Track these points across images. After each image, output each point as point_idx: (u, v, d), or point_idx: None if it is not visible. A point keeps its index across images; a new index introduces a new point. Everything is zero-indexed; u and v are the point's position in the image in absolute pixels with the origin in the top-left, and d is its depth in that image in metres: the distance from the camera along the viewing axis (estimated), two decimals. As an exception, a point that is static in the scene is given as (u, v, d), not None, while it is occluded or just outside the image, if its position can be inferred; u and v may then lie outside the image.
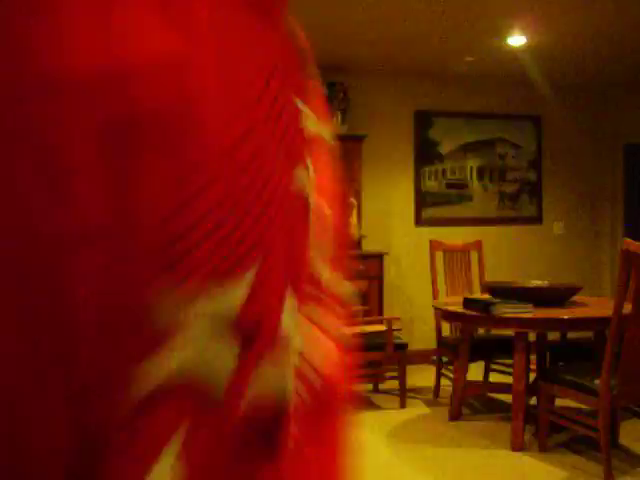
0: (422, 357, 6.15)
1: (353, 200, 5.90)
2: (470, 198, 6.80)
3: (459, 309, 4.42)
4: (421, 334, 6.23)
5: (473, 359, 4.83)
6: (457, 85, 6.68)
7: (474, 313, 4.26)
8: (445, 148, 6.72)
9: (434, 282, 5.44)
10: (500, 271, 6.27)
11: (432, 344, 5.49)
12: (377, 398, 5.31)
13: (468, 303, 4.39)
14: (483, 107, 6.79)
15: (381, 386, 5.46)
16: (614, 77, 6.72)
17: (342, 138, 6.07)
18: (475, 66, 6.18)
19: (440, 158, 6.71)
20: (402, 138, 6.59)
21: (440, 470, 3.82)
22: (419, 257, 6.13)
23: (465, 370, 4.67)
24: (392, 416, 4.84)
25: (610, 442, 3.71)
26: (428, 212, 6.67)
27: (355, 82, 6.25)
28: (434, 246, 5.53)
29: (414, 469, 3.84)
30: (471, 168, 6.80)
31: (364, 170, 6.21)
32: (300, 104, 0.47)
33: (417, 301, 6.40)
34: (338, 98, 6.02)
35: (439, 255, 5.52)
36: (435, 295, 5.39)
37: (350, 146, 6.08)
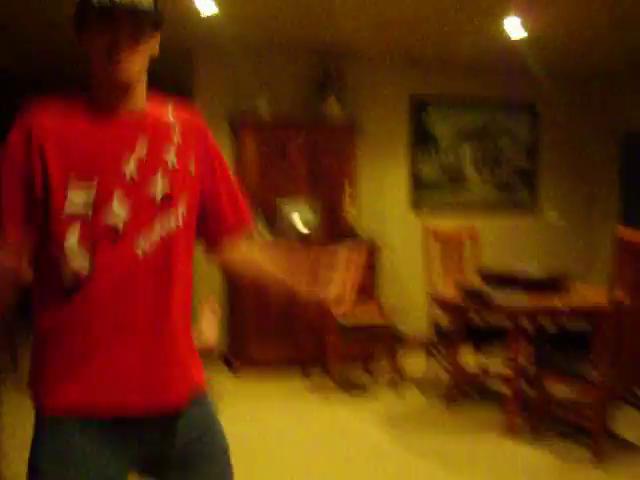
0: (417, 344, 6.14)
1: (348, 185, 5.88)
2: (465, 185, 6.77)
3: (453, 296, 4.41)
4: (416, 321, 6.20)
5: (468, 346, 4.82)
6: (454, 71, 6.63)
7: (468, 301, 4.25)
8: (441, 134, 6.68)
9: (428, 269, 5.42)
10: (495, 258, 6.23)
11: (427, 331, 5.48)
12: (371, 385, 5.32)
13: (462, 291, 4.38)
14: (480, 93, 6.76)
15: (375, 373, 5.46)
16: (614, 65, 6.68)
17: (337, 123, 6.04)
18: (472, 52, 6.13)
19: (436, 144, 6.68)
20: (397, 123, 6.55)
21: (434, 456, 3.83)
22: (414, 243, 6.10)
23: (460, 357, 4.68)
24: (386, 403, 4.84)
25: (602, 430, 3.72)
26: (423, 198, 6.65)
27: (351, 67, 6.20)
28: (428, 232, 5.50)
29: (408, 455, 3.84)
30: (466, 155, 6.77)
31: (359, 156, 6.16)
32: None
33: (411, 287, 6.38)
34: (333, 83, 5.98)
35: (433, 241, 5.50)
36: (429, 282, 5.37)
37: (345, 131, 6.04)
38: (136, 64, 1.45)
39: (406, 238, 6.45)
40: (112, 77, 1.44)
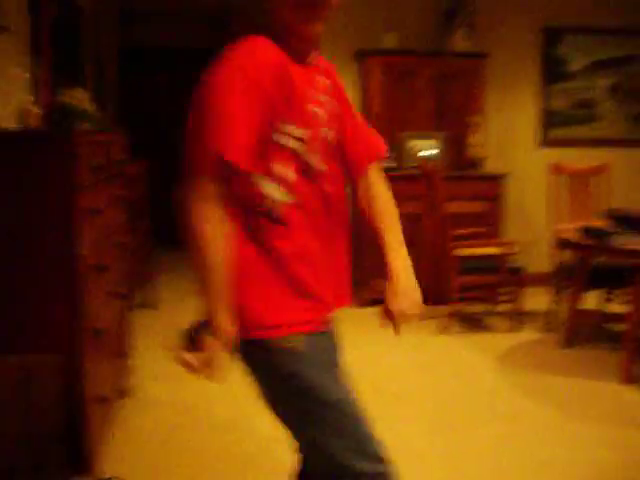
0: (539, 281, 6.06)
1: (476, 119, 5.79)
2: (599, 118, 6.47)
3: (577, 237, 4.31)
4: (539, 258, 6.10)
5: (593, 287, 4.73)
6: (590, -2, 6.28)
7: (592, 242, 4.15)
8: (574, 66, 6.38)
9: (554, 206, 5.31)
10: (627, 198, 6.00)
11: (550, 268, 5.40)
12: (490, 320, 5.35)
13: (587, 231, 4.27)
14: (616, 22, 6.36)
15: (494, 309, 5.47)
16: None
17: (466, 55, 5.92)
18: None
19: (568, 76, 6.39)
20: (528, 55, 6.32)
21: (545, 397, 3.86)
22: (542, 179, 5.96)
23: (580, 298, 4.61)
24: (503, 339, 4.88)
25: None
26: (554, 132, 6.44)
27: (481, -4, 6.02)
28: (557, 169, 5.37)
29: (519, 394, 3.89)
30: (601, 87, 6.44)
31: (488, 89, 6.03)
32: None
33: (537, 224, 6.26)
34: (463, 13, 5.83)
35: (562, 178, 5.36)
36: (555, 220, 5.26)
37: (474, 64, 5.91)
38: (325, 21, 1.57)
39: (533, 173, 6.30)
40: (308, 33, 1.55)
